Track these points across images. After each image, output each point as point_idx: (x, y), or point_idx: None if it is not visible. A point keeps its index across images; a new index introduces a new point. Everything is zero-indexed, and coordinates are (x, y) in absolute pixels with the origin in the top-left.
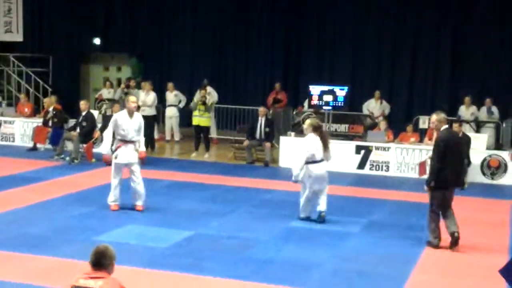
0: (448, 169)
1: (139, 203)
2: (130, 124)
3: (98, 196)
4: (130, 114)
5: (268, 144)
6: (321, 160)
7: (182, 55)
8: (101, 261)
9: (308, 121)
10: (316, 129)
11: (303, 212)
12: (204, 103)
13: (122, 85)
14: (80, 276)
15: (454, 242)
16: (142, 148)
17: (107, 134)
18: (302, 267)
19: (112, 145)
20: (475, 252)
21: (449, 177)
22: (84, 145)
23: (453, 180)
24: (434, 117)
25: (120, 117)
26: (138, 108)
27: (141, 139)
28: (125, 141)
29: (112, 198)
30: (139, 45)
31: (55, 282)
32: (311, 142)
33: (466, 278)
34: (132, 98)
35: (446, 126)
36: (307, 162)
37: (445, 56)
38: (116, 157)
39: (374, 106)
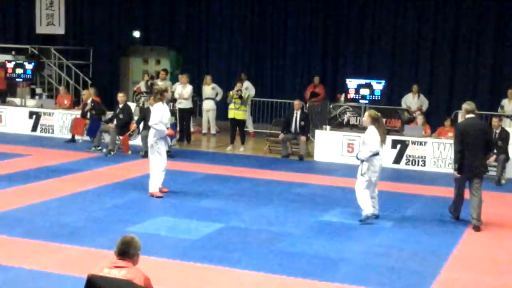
0: (465, 157)
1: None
2: (168, 114)
3: (133, 187)
4: (165, 104)
5: (303, 138)
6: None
7: (219, 48)
8: (127, 251)
9: (367, 113)
10: (376, 120)
11: (370, 207)
12: (240, 97)
13: (146, 77)
14: (105, 265)
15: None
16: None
17: (158, 122)
18: (332, 262)
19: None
20: (509, 249)
21: (465, 165)
22: (121, 137)
23: (468, 168)
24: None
25: (161, 108)
26: (175, 100)
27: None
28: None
29: (160, 183)
30: (178, 38)
31: (87, 272)
32: (375, 135)
33: (498, 277)
34: (167, 89)
35: (471, 115)
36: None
37: (486, 50)
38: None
39: (411, 101)
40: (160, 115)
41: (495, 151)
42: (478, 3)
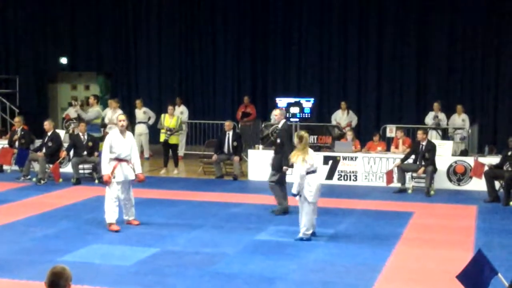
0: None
1: (133, 218)
2: (123, 142)
3: (64, 216)
4: (122, 133)
5: (236, 158)
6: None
7: (149, 71)
8: (57, 283)
9: (300, 133)
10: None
11: (311, 227)
12: (170, 130)
13: (75, 103)
14: None
15: None
16: (139, 169)
17: (104, 155)
18: (268, 280)
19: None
20: (441, 259)
21: None
22: (51, 166)
23: None
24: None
25: (113, 136)
26: (105, 126)
27: (137, 159)
28: (120, 160)
29: (114, 216)
30: (106, 63)
31: None
32: (311, 154)
33: (430, 286)
34: (120, 117)
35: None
36: (307, 173)
37: (411, 65)
38: (114, 177)
39: (341, 117)
40: (109, 145)
41: (423, 162)
42: (401, 21)
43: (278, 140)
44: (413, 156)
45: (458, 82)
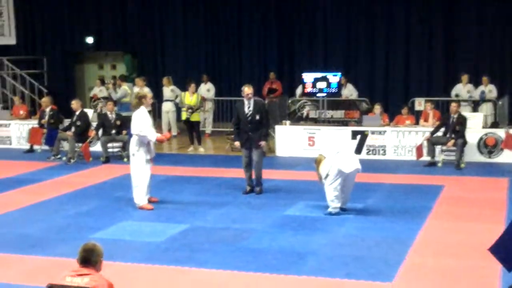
0: None
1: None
2: (150, 119)
3: (95, 194)
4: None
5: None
6: None
7: (175, 49)
8: (89, 258)
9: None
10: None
11: (337, 200)
12: (191, 108)
13: (108, 81)
14: (67, 273)
15: None
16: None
17: (148, 130)
18: (297, 255)
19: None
20: (472, 232)
21: None
22: (81, 145)
23: None
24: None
25: (143, 113)
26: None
27: None
28: None
29: (147, 196)
30: (133, 42)
31: (50, 282)
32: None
33: (461, 259)
34: (149, 94)
35: None
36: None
37: (438, 36)
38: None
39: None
40: (141, 122)
41: (453, 135)
42: None
43: None
44: (442, 129)
45: (487, 54)
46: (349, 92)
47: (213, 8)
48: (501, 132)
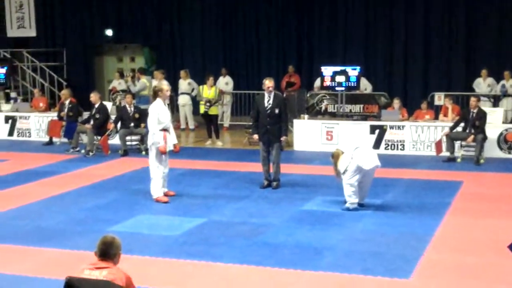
0: None
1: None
2: (167, 112)
3: (113, 187)
4: (165, 102)
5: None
6: None
7: (194, 43)
8: (108, 251)
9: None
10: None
11: (354, 195)
12: (209, 101)
13: (128, 74)
14: (86, 266)
15: None
16: (175, 140)
17: (154, 127)
18: (315, 250)
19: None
20: (491, 228)
21: None
22: (99, 138)
23: None
24: None
25: (159, 106)
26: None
27: (172, 128)
28: (165, 129)
29: (161, 189)
30: (152, 35)
31: (68, 274)
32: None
33: (480, 256)
34: (166, 87)
35: None
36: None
37: (459, 30)
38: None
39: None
40: (157, 116)
41: (472, 131)
42: None
43: None
44: (462, 124)
45: (509, 48)
46: (363, 86)
47: (232, 1)
48: None
